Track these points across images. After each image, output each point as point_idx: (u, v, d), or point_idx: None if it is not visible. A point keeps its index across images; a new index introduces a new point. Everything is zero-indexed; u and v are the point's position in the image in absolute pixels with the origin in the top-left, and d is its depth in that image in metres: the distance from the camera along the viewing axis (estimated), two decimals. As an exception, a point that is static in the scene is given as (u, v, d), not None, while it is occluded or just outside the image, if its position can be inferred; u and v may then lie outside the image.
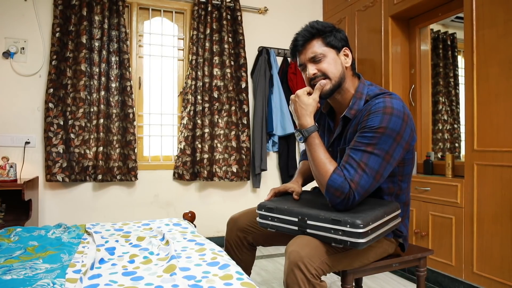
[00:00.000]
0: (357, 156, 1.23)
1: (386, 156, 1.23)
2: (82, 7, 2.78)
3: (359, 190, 1.21)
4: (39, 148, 2.78)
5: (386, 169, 1.25)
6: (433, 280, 2.37)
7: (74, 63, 2.79)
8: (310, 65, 1.35)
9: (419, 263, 1.58)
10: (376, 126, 1.22)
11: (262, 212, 1.40)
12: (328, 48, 1.35)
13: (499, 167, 1.98)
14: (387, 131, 1.22)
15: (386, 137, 1.22)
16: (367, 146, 1.23)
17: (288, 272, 1.22)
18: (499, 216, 1.98)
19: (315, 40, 1.34)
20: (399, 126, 1.23)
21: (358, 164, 1.22)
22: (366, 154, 1.22)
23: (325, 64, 1.34)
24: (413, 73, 2.81)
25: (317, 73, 1.34)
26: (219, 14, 3.18)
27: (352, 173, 1.22)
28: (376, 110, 1.25)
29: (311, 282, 1.20)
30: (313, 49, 1.34)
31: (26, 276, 1.13)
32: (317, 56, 1.34)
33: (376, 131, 1.22)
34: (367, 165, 1.22)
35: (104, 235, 1.68)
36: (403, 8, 2.63)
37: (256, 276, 2.50)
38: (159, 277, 1.17)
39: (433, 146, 2.74)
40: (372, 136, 1.23)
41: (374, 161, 1.22)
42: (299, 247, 1.22)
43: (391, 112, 1.24)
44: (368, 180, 1.22)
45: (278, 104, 3.29)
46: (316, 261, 1.22)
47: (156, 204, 3.10)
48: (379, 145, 1.22)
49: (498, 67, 2.00)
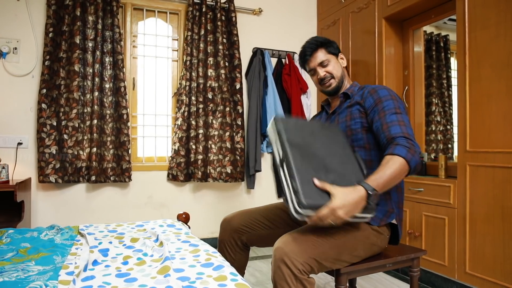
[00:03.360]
0: (394, 118, 1.44)
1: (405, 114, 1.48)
2: (76, 7, 2.77)
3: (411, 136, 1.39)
4: (31, 149, 2.76)
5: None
6: (426, 280, 2.39)
7: (68, 64, 2.77)
8: (320, 68, 1.66)
9: (412, 264, 1.60)
10: (388, 95, 1.50)
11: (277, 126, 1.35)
12: (330, 55, 1.67)
13: (491, 168, 2.00)
14: (396, 98, 1.51)
15: (398, 102, 1.50)
16: (393, 109, 1.46)
17: (275, 268, 1.25)
18: (491, 216, 2.00)
19: (319, 50, 1.66)
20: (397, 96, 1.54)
21: (398, 122, 1.43)
22: (400, 115, 1.45)
23: (331, 67, 1.65)
24: (407, 75, 2.83)
25: (326, 74, 1.65)
26: (214, 15, 3.17)
27: (399, 129, 1.41)
28: (377, 87, 1.55)
29: (298, 278, 1.22)
30: (320, 57, 1.66)
31: (18, 278, 1.12)
32: (324, 61, 1.65)
33: (390, 98, 1.49)
34: (403, 121, 1.43)
35: (97, 237, 1.67)
36: (397, 10, 2.65)
37: (251, 277, 2.50)
38: (153, 278, 1.17)
39: (426, 147, 2.76)
40: (391, 101, 1.48)
41: (403, 117, 1.45)
42: (284, 244, 1.27)
43: (388, 88, 1.55)
44: (410, 129, 1.43)
45: (273, 105, 3.29)
46: (302, 256, 1.25)
47: (150, 205, 3.09)
48: (399, 108, 1.47)
49: (490, 68, 2.03)
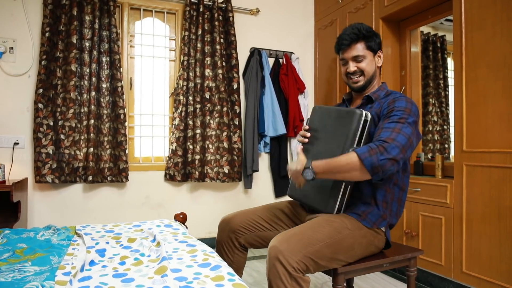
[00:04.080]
0: (392, 125, 1.38)
1: (413, 129, 1.39)
2: (73, 7, 2.76)
3: (396, 143, 1.31)
4: (28, 149, 2.75)
5: (414, 141, 1.39)
6: (423, 280, 2.40)
7: (64, 63, 2.76)
8: (352, 62, 1.58)
9: (409, 263, 1.60)
10: (403, 107, 1.43)
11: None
12: (368, 51, 1.58)
13: (488, 167, 2.01)
14: (412, 112, 1.42)
15: (412, 116, 1.41)
16: (399, 119, 1.39)
17: (270, 267, 1.25)
18: (487, 216, 2.01)
19: (359, 42, 1.57)
20: (417, 113, 1.45)
21: (393, 129, 1.36)
22: (400, 124, 1.38)
23: (364, 64, 1.58)
24: (404, 75, 2.84)
25: (356, 70, 1.58)
26: (211, 15, 3.17)
27: (387, 134, 1.35)
28: (400, 98, 1.48)
29: (293, 276, 1.22)
30: (357, 50, 1.57)
31: (15, 279, 1.12)
32: (359, 56, 1.57)
33: (404, 110, 1.42)
34: (401, 130, 1.36)
35: (94, 237, 1.67)
36: (394, 10, 2.66)
37: (248, 277, 2.50)
38: (150, 278, 1.17)
39: (423, 147, 2.76)
40: (402, 112, 1.41)
41: (406, 128, 1.37)
42: (278, 243, 1.27)
43: (411, 102, 1.47)
44: (404, 138, 1.34)
45: (270, 105, 3.30)
46: (296, 255, 1.25)
47: (147, 205, 3.09)
48: (408, 119, 1.39)
49: (486, 69, 2.03)
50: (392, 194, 1.52)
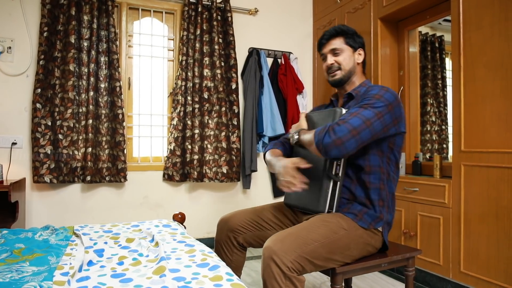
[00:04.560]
0: (354, 110, 1.41)
1: (378, 113, 1.38)
2: (71, 7, 2.75)
3: (346, 125, 1.34)
4: (26, 149, 2.74)
5: (376, 122, 1.37)
6: (421, 279, 2.40)
7: (62, 63, 2.76)
8: (330, 56, 1.62)
9: (407, 263, 1.60)
10: (374, 94, 1.44)
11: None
12: (347, 46, 1.61)
13: (486, 167, 2.02)
14: (381, 98, 1.41)
15: (380, 101, 1.40)
16: (364, 104, 1.41)
17: (264, 267, 1.25)
18: (485, 216, 2.01)
19: (337, 37, 1.61)
20: (392, 99, 1.43)
21: (352, 113, 1.39)
22: (361, 109, 1.39)
23: (341, 58, 1.60)
24: (402, 75, 2.84)
25: (334, 63, 1.61)
26: (210, 14, 3.17)
27: (345, 116, 1.38)
28: (374, 88, 1.50)
29: (287, 275, 1.22)
30: (335, 44, 1.61)
31: (12, 279, 1.12)
32: (336, 49, 1.60)
33: (373, 96, 1.43)
34: (359, 113, 1.37)
35: (92, 237, 1.66)
36: (392, 10, 2.66)
37: (246, 277, 2.50)
38: (148, 278, 1.16)
39: (421, 147, 2.77)
40: (369, 99, 1.42)
41: (366, 112, 1.38)
42: (272, 243, 1.28)
43: (386, 90, 1.46)
44: (358, 120, 1.35)
45: (268, 105, 3.30)
46: (291, 254, 1.25)
47: (146, 206, 3.08)
48: (373, 104, 1.40)
49: (484, 69, 2.04)
50: (386, 191, 1.52)
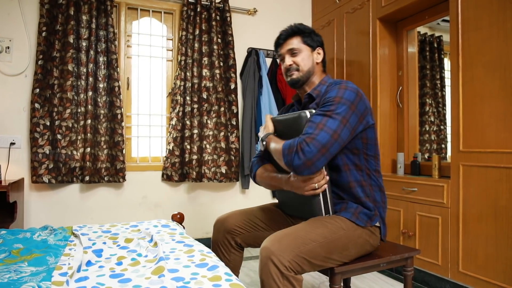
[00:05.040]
0: (317, 120, 1.35)
1: (343, 120, 1.35)
2: (69, 7, 2.75)
3: (315, 143, 1.30)
4: (24, 149, 2.73)
5: (343, 131, 1.35)
6: (420, 279, 2.40)
7: (61, 63, 2.75)
8: (288, 56, 1.59)
9: (406, 263, 1.60)
10: (333, 97, 1.39)
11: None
12: (305, 45, 1.58)
13: (484, 167, 2.02)
14: (342, 100, 1.37)
15: (341, 105, 1.36)
16: (325, 112, 1.36)
17: (262, 267, 1.26)
18: (483, 216, 2.02)
19: (295, 37, 1.58)
20: (353, 97, 1.39)
21: (317, 125, 1.34)
22: (325, 118, 1.35)
23: (299, 58, 1.57)
24: (401, 75, 2.84)
25: (292, 64, 1.57)
26: (208, 14, 3.17)
27: (310, 131, 1.33)
28: (332, 88, 1.45)
29: (285, 275, 1.23)
30: (292, 44, 1.57)
31: (11, 279, 1.11)
32: (294, 49, 1.57)
33: (332, 100, 1.38)
34: (325, 125, 1.33)
35: (91, 237, 1.66)
36: (391, 10, 2.66)
37: (245, 277, 2.50)
38: (147, 279, 1.16)
39: (420, 147, 2.77)
40: (329, 104, 1.38)
41: (331, 122, 1.33)
42: (270, 243, 1.28)
43: (345, 88, 1.41)
44: (326, 136, 1.31)
45: (267, 105, 3.29)
46: (288, 254, 1.25)
47: (145, 206, 3.08)
48: (335, 110, 1.35)
49: (483, 69, 2.04)
50: (369, 184, 1.49)
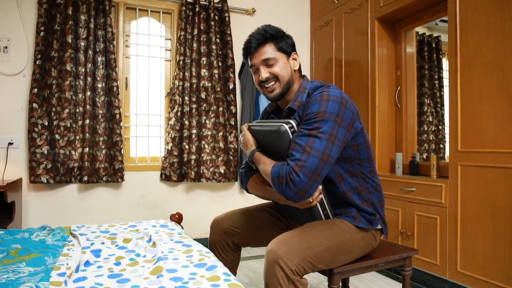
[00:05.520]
0: (303, 142, 1.28)
1: (330, 138, 1.28)
2: (68, 6, 2.74)
3: (304, 171, 1.24)
4: (22, 149, 2.73)
5: (332, 149, 1.29)
6: (418, 279, 2.41)
7: (59, 63, 2.75)
8: (263, 68, 1.43)
9: (404, 263, 1.61)
10: (315, 112, 1.30)
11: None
12: (280, 53, 1.43)
13: (482, 167, 2.02)
14: (326, 115, 1.29)
15: (325, 121, 1.28)
16: (310, 131, 1.28)
17: (267, 270, 1.24)
18: (482, 216, 2.02)
19: (267, 44, 1.43)
20: (337, 109, 1.30)
21: (304, 148, 1.26)
22: (311, 138, 1.27)
23: (277, 68, 1.42)
24: (399, 75, 2.85)
25: (269, 76, 1.42)
26: (207, 14, 3.17)
27: (298, 156, 1.26)
28: (314, 100, 1.34)
29: (291, 279, 1.22)
30: (266, 54, 1.42)
31: (9, 279, 1.11)
32: (269, 60, 1.42)
33: (316, 116, 1.29)
34: (312, 147, 1.26)
35: (89, 237, 1.66)
36: (389, 11, 2.67)
37: (244, 277, 2.50)
38: (145, 279, 1.16)
39: (418, 147, 2.78)
40: (313, 121, 1.29)
41: (318, 143, 1.26)
42: (276, 246, 1.26)
43: (327, 99, 1.31)
44: (315, 161, 1.25)
45: (266, 105, 3.29)
46: (295, 258, 1.24)
47: (143, 206, 3.08)
48: (321, 128, 1.28)
49: (481, 69, 2.05)
50: (365, 188, 1.45)
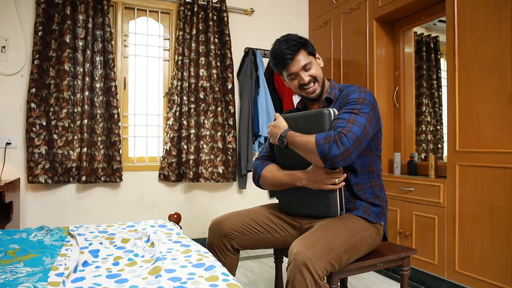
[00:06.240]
0: (346, 116, 1.40)
1: (368, 118, 1.42)
2: (66, 6, 2.74)
3: (351, 135, 1.34)
4: (20, 149, 2.72)
5: (370, 128, 1.42)
6: (417, 279, 2.41)
7: (57, 63, 2.74)
8: (302, 73, 1.55)
9: (402, 263, 1.61)
10: (357, 97, 1.46)
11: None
12: (311, 56, 1.58)
13: (480, 167, 2.03)
14: (365, 101, 1.45)
15: (366, 105, 1.44)
16: (353, 109, 1.43)
17: (295, 272, 1.21)
18: (479, 215, 2.03)
19: (300, 52, 1.55)
20: (372, 100, 1.49)
21: (348, 120, 1.39)
22: (354, 114, 1.41)
23: (314, 70, 1.57)
24: (397, 75, 2.85)
25: (310, 78, 1.56)
26: (205, 14, 3.17)
27: (343, 125, 1.37)
28: (353, 91, 1.52)
29: (318, 283, 1.21)
30: (302, 60, 1.55)
31: (6, 280, 1.11)
32: (307, 65, 1.55)
33: (357, 100, 1.45)
34: (356, 120, 1.39)
35: (88, 238, 1.66)
36: (388, 11, 2.67)
37: (242, 277, 2.50)
38: (144, 279, 1.16)
39: (416, 147, 2.78)
40: (355, 103, 1.45)
41: (361, 118, 1.40)
42: (305, 248, 1.24)
43: (365, 91, 1.51)
44: (359, 129, 1.37)
45: (264, 105, 3.30)
46: (322, 261, 1.24)
47: (141, 206, 3.07)
48: (362, 109, 1.43)
49: (479, 69, 2.05)
50: (379, 185, 1.58)
